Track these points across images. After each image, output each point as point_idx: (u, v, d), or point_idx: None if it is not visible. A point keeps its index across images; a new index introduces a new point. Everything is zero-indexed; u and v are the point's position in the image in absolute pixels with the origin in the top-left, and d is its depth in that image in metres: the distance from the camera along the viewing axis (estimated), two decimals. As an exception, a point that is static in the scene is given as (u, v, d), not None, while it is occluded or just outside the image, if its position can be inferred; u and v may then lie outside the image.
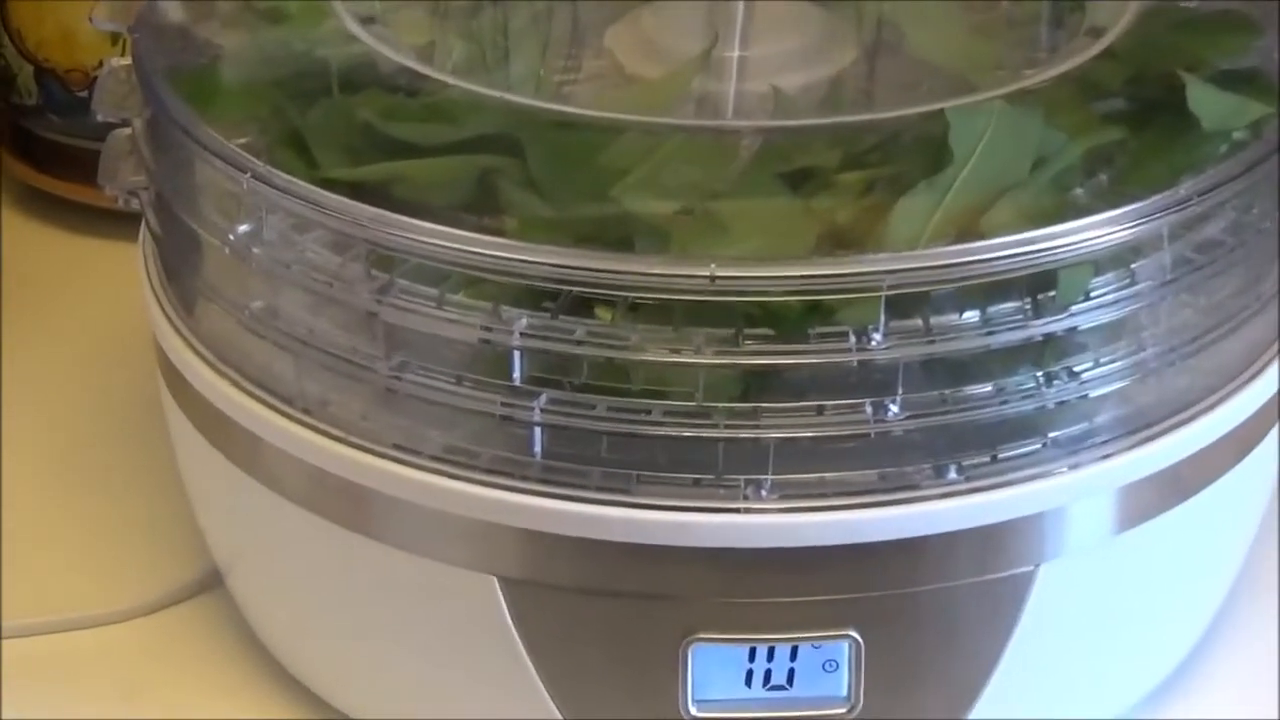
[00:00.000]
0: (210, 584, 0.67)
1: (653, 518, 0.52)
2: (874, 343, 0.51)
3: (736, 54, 0.63)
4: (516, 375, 0.53)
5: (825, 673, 0.55)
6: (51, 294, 0.84)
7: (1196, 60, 0.59)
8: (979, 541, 0.54)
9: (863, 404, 0.52)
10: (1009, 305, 0.53)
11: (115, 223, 0.77)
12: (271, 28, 0.63)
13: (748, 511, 0.52)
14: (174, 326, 0.60)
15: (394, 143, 0.56)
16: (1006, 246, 0.52)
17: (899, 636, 0.55)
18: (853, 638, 0.54)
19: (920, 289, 0.52)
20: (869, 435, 0.52)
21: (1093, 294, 0.53)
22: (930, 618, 0.55)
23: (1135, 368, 0.55)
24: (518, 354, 0.52)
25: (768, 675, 0.55)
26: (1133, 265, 0.54)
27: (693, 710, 0.55)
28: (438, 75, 0.60)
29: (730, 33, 0.63)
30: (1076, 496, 0.54)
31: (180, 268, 0.61)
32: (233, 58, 0.62)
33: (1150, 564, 0.58)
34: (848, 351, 0.52)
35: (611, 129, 0.56)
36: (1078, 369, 0.54)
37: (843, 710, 0.55)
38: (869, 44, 0.66)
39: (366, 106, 0.57)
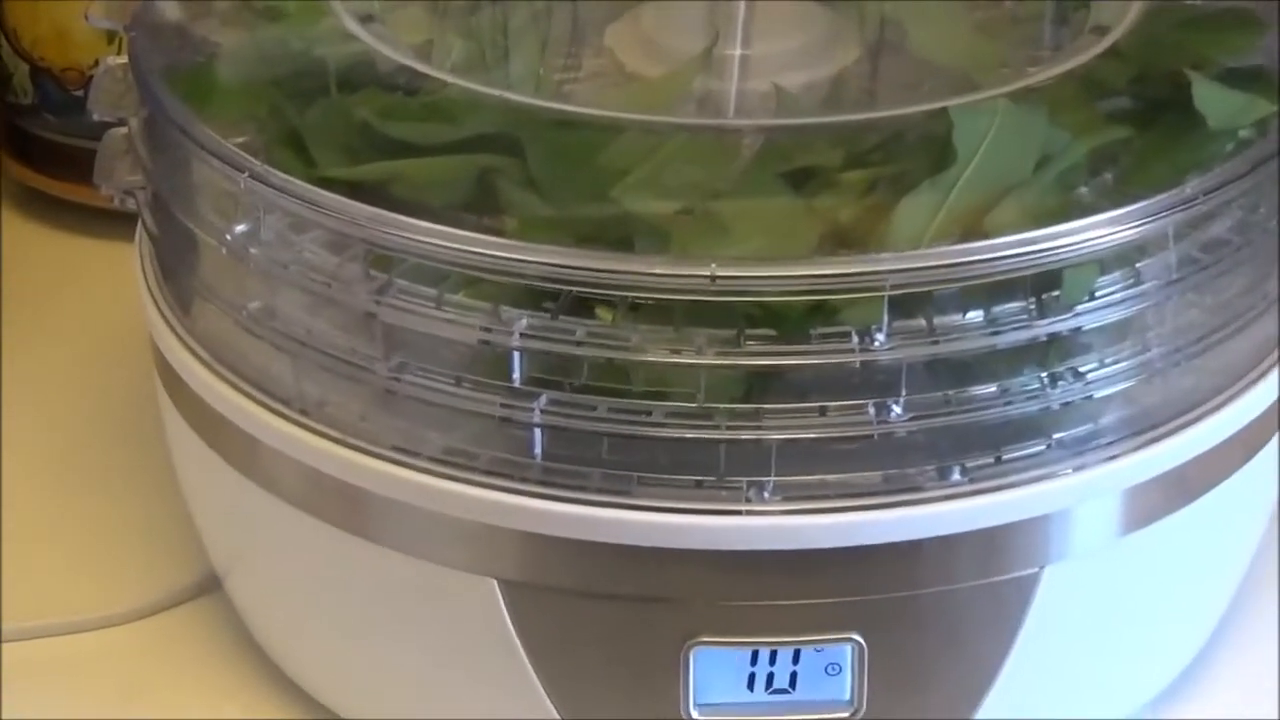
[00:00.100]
0: (208, 587, 0.67)
1: (654, 520, 0.52)
2: (877, 343, 0.51)
3: (738, 52, 0.63)
4: (516, 376, 0.52)
5: (828, 676, 0.55)
6: (47, 294, 0.84)
7: (1202, 58, 0.59)
8: (983, 544, 0.54)
9: (866, 405, 0.52)
10: (1013, 305, 0.52)
11: (111, 222, 0.77)
12: (269, 26, 0.63)
13: (750, 513, 0.52)
14: (170, 327, 0.60)
15: (392, 142, 0.56)
16: (1010, 246, 0.51)
17: (902, 639, 0.55)
18: (856, 641, 0.54)
19: (924, 289, 0.51)
20: (872, 436, 0.52)
21: (1098, 294, 0.53)
22: (934, 621, 0.55)
23: (1141, 368, 0.54)
24: (517, 355, 0.52)
25: (770, 679, 0.55)
26: (1138, 265, 0.54)
27: (694, 714, 0.55)
28: (437, 74, 0.60)
29: (732, 31, 0.63)
30: (1081, 498, 0.54)
31: (177, 268, 0.61)
32: (230, 56, 0.62)
33: (1156, 566, 0.57)
34: (850, 352, 0.51)
35: (612, 128, 0.56)
36: (1083, 369, 0.54)
37: (845, 714, 0.55)
38: (872, 42, 0.66)
39: (365, 105, 0.57)
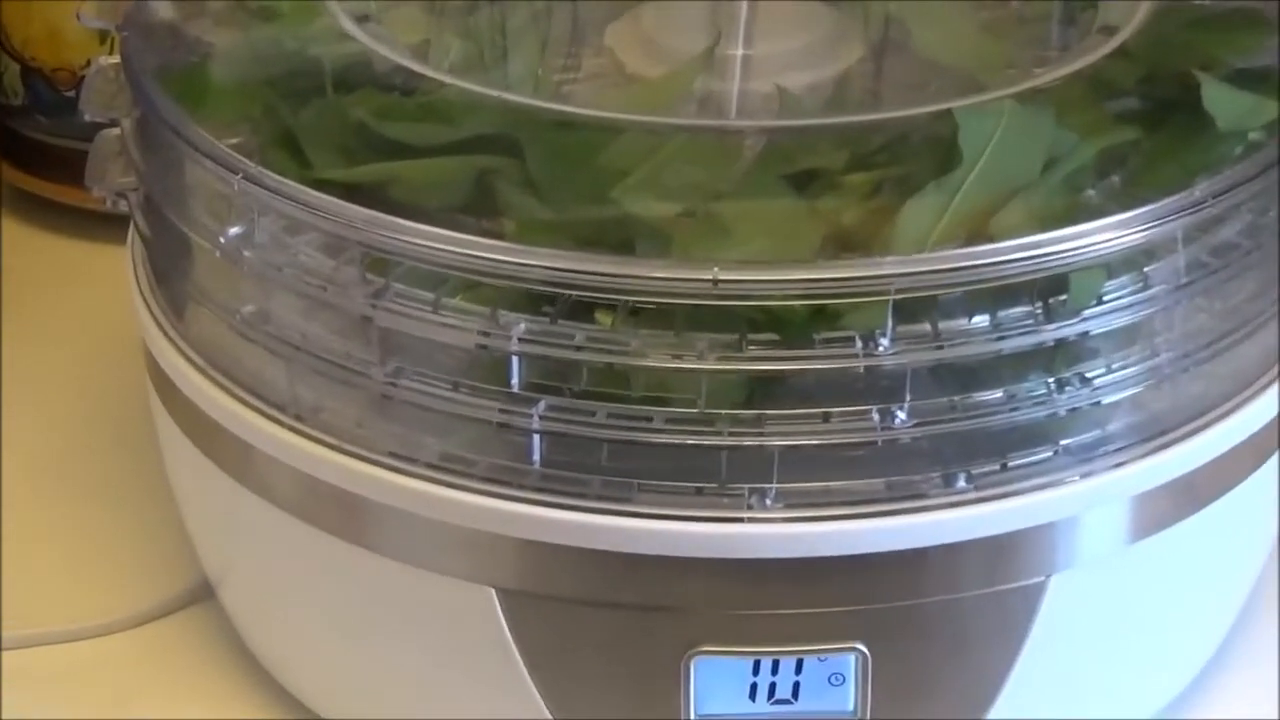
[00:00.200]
0: (201, 595, 0.67)
1: (654, 527, 0.52)
2: (881, 348, 0.51)
3: (740, 52, 0.63)
4: (515, 381, 0.52)
5: (831, 686, 0.54)
6: (39, 297, 0.84)
7: (1211, 59, 0.59)
8: (988, 552, 0.53)
9: (869, 411, 0.52)
10: (1019, 310, 0.52)
11: (103, 225, 0.77)
12: (263, 25, 0.63)
13: (752, 521, 0.52)
14: (163, 331, 0.60)
15: (389, 143, 0.56)
16: (1017, 249, 0.51)
17: (907, 649, 0.54)
18: (859, 650, 0.54)
19: (928, 293, 0.51)
20: (876, 443, 0.52)
21: (1105, 298, 0.53)
22: (939, 630, 0.54)
23: (1149, 373, 0.54)
24: (516, 359, 0.52)
25: (772, 689, 0.54)
26: (1146, 269, 0.54)
27: (695, 725, 0.55)
28: (434, 74, 0.60)
29: (733, 31, 0.63)
30: (1089, 506, 0.54)
31: (170, 271, 0.60)
32: (224, 56, 0.62)
33: (1164, 575, 0.57)
34: (854, 357, 0.51)
35: (612, 129, 0.56)
36: (1090, 375, 0.54)
37: (849, 724, 0.55)
38: (876, 42, 0.66)
39: (361, 106, 0.57)
